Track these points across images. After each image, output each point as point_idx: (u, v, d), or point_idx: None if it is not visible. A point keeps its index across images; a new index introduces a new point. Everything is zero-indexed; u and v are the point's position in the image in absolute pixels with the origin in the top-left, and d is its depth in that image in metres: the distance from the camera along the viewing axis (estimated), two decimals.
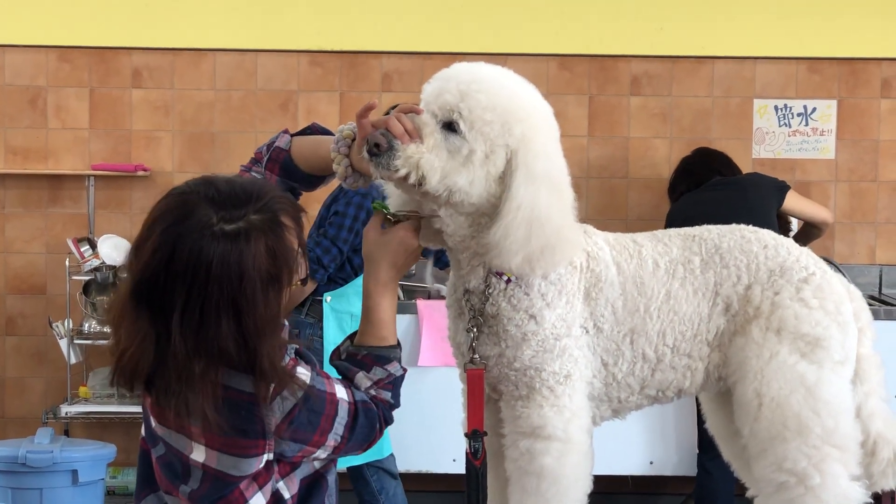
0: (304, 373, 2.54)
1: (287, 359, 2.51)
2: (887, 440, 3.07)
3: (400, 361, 2.75)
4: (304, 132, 2.99)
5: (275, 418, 2.49)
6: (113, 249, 6.55)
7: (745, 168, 6.54)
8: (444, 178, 2.71)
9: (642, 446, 6.00)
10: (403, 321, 5.79)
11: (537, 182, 2.73)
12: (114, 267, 6.51)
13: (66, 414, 6.48)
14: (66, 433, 6.57)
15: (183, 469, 2.53)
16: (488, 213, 2.78)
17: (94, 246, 6.61)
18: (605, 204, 6.71)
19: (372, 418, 2.63)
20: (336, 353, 2.78)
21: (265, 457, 2.50)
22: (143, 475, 2.69)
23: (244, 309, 2.42)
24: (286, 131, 2.97)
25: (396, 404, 2.72)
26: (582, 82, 6.71)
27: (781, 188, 5.93)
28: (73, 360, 6.53)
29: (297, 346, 2.57)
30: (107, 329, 6.45)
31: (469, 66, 2.85)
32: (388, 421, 2.69)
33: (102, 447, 6.04)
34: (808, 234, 6.19)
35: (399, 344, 2.77)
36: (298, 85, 6.83)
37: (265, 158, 2.93)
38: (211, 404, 2.41)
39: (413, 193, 2.79)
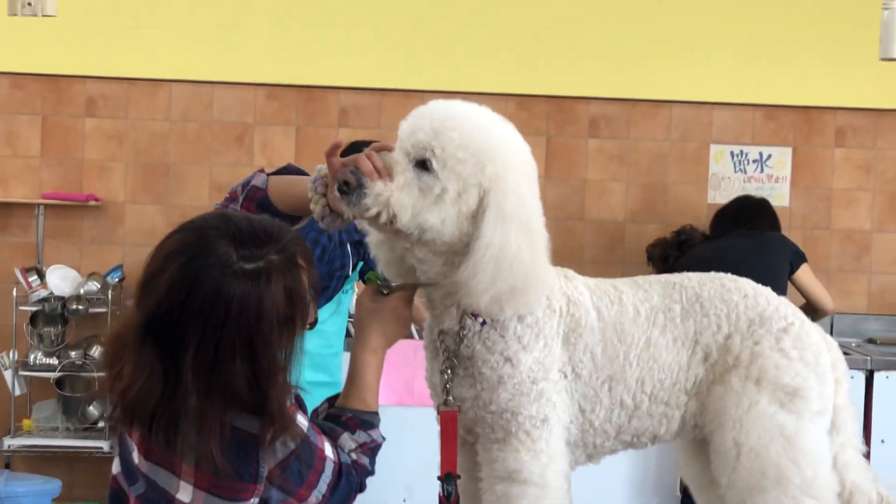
0: (302, 421, 2.50)
1: (288, 403, 2.46)
2: (862, 491, 3.05)
3: (379, 430, 2.72)
4: (279, 172, 2.95)
5: (270, 463, 2.44)
6: (61, 280, 6.48)
7: (701, 214, 6.57)
8: (415, 216, 2.67)
9: (623, 490, 5.97)
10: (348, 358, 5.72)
11: (507, 222, 2.69)
12: (62, 298, 6.43)
13: (9, 447, 6.38)
14: (8, 466, 6.45)
15: None
16: (461, 252, 2.73)
17: (42, 276, 6.53)
18: (560, 245, 6.59)
19: (352, 483, 2.59)
20: (314, 413, 2.73)
21: (252, 502, 2.45)
22: None
23: (259, 350, 2.37)
24: (262, 170, 2.93)
25: (372, 472, 2.68)
26: (540, 123, 6.72)
27: (799, 256, 5.98)
28: (17, 392, 6.43)
29: (297, 393, 2.52)
30: (51, 361, 6.38)
31: (444, 104, 2.82)
32: (363, 487, 2.65)
33: (47, 482, 5.95)
34: (805, 314, 6.21)
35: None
36: (255, 118, 6.79)
37: (241, 197, 2.89)
38: (218, 444, 2.36)
39: (386, 231, 2.76)
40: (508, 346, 2.83)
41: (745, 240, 6.00)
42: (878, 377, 5.93)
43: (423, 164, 2.69)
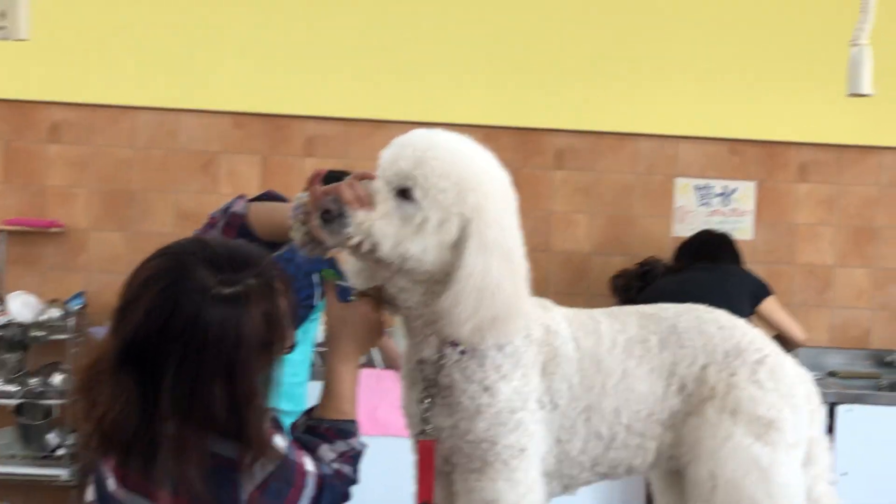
0: (280, 443, 2.48)
1: (266, 426, 2.44)
2: None
3: (358, 437, 2.71)
4: (259, 198, 2.94)
5: (250, 487, 2.42)
6: (22, 306, 6.42)
7: (666, 246, 6.59)
8: (396, 245, 2.67)
9: (589, 500, 5.96)
10: (319, 387, 5.71)
11: (489, 251, 2.69)
12: (23, 324, 6.37)
13: None
14: None
15: None
16: (441, 281, 2.73)
17: (2, 302, 6.47)
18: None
19: (335, 494, 2.58)
20: (294, 426, 2.72)
21: None
22: None
23: (238, 375, 2.36)
24: (242, 196, 2.92)
25: (356, 480, 2.67)
26: (506, 154, 6.55)
27: (763, 288, 6.00)
28: None
29: (274, 414, 2.51)
30: (10, 388, 6.32)
31: (426, 133, 2.82)
32: (348, 497, 2.64)
33: None
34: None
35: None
36: (220, 146, 6.76)
37: (221, 223, 2.87)
38: (196, 470, 2.33)
39: (366, 261, 2.75)
40: (487, 376, 2.83)
41: (707, 272, 6.02)
42: (840, 410, 5.97)
43: (404, 193, 2.69)
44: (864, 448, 5.85)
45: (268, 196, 2.96)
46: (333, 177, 2.83)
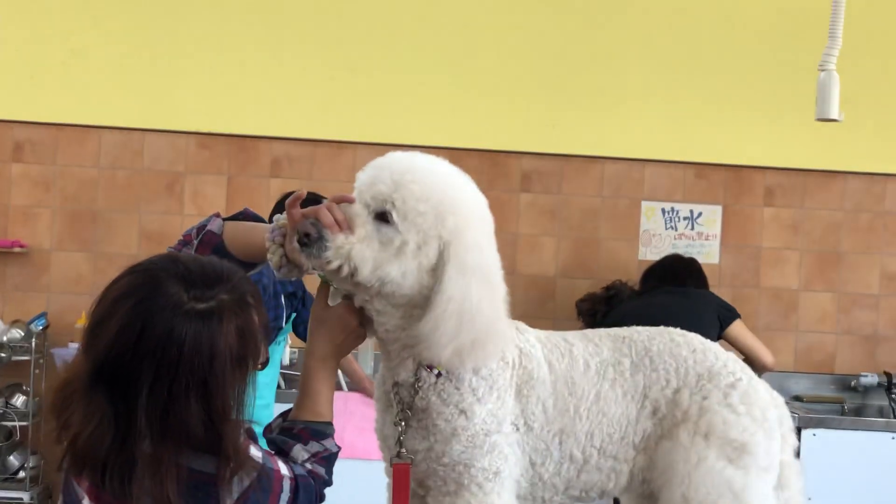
0: (255, 454, 2.47)
1: (241, 439, 2.42)
2: None
3: (334, 438, 2.71)
4: (235, 217, 2.92)
5: (229, 501, 2.40)
6: None
7: (632, 269, 6.60)
8: (376, 269, 2.66)
9: None
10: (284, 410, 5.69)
11: (468, 275, 2.68)
12: None
13: None
14: None
15: None
16: (420, 304, 2.72)
17: None
18: None
19: (310, 493, 2.57)
20: (268, 428, 2.71)
21: None
22: None
23: (213, 390, 2.34)
24: (217, 215, 2.90)
25: (330, 482, 2.67)
26: (472, 176, 6.57)
27: (729, 312, 6.00)
28: None
29: (248, 426, 2.49)
30: None
31: (404, 156, 2.80)
32: (322, 497, 2.63)
33: None
34: None
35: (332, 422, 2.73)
36: (186, 166, 6.73)
37: (195, 241, 2.85)
38: (175, 488, 2.32)
39: (345, 284, 2.73)
40: (463, 398, 2.82)
41: (672, 296, 6.03)
42: (805, 434, 5.99)
43: (383, 217, 2.67)
44: (828, 473, 5.87)
45: (244, 215, 2.94)
46: (311, 198, 2.82)
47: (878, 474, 6.05)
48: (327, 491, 2.69)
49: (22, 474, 6.33)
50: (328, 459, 2.67)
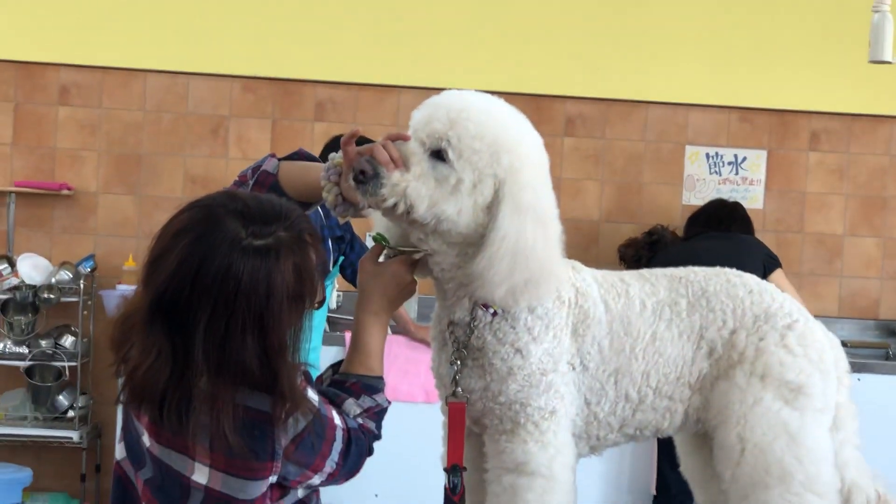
0: (313, 397, 2.49)
1: (298, 380, 2.45)
2: (860, 488, 3.06)
3: (384, 393, 2.71)
4: (290, 157, 2.93)
5: (285, 440, 2.43)
6: (32, 269, 6.41)
7: (676, 214, 6.59)
8: (431, 206, 2.67)
9: (598, 487, 5.98)
10: (331, 352, 5.74)
11: (523, 214, 2.69)
12: (33, 286, 6.36)
13: None
14: None
15: (182, 491, 2.43)
16: (475, 243, 2.72)
17: (13, 264, 6.46)
18: None
19: (361, 447, 2.59)
20: (319, 379, 2.73)
21: (271, 479, 2.43)
22: (120, 501, 2.58)
23: (270, 327, 2.36)
24: (273, 155, 2.90)
25: (379, 436, 2.67)
26: None
27: (773, 260, 5.96)
28: None
29: (305, 369, 2.51)
30: (21, 349, 6.32)
31: (459, 94, 2.80)
32: (371, 451, 2.64)
33: (18, 470, 5.90)
34: None
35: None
36: (230, 110, 6.75)
37: (251, 182, 2.86)
38: (231, 424, 2.34)
39: (400, 222, 2.74)
40: (519, 338, 2.83)
41: (718, 241, 6.01)
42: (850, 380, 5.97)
43: (438, 155, 2.68)
44: (873, 418, 5.84)
45: (298, 155, 2.94)
46: (364, 141, 2.82)
47: None
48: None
49: (71, 414, 6.39)
50: (379, 415, 2.67)
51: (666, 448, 5.31)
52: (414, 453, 5.44)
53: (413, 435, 5.17)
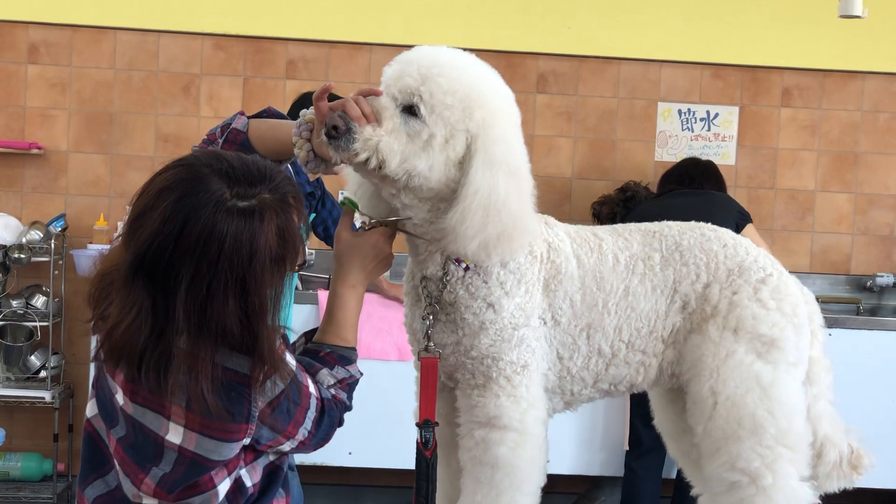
0: (290, 361, 2.48)
1: (277, 343, 2.44)
2: (833, 443, 3.09)
3: (357, 364, 2.71)
4: (259, 115, 2.92)
5: (261, 403, 2.43)
6: (3, 229, 6.39)
7: (649, 171, 6.59)
8: (403, 161, 2.66)
9: (571, 445, 6.00)
10: (303, 311, 5.73)
11: (496, 168, 2.69)
12: (4, 246, 6.33)
13: None
14: None
15: (155, 451, 2.43)
16: (447, 198, 2.73)
17: None
18: None
19: (333, 417, 2.59)
20: (292, 348, 2.71)
21: (244, 441, 2.43)
22: (90, 458, 2.58)
23: (251, 288, 2.35)
24: (242, 113, 2.89)
25: (350, 407, 2.68)
26: None
27: (744, 216, 5.96)
28: None
29: (283, 333, 2.50)
30: None
31: (431, 50, 2.79)
32: (342, 423, 2.65)
33: None
34: None
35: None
36: (201, 68, 6.70)
37: (220, 140, 2.84)
38: (209, 384, 2.33)
39: (371, 177, 2.73)
40: (491, 292, 2.83)
41: (691, 198, 6.02)
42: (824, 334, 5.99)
43: (410, 110, 2.67)
44: (844, 372, 5.88)
45: (267, 113, 2.93)
46: (336, 97, 2.81)
47: (894, 373, 6.08)
48: None
49: (43, 374, 6.38)
50: (351, 386, 2.68)
51: (639, 404, 5.34)
52: (387, 411, 5.45)
53: (386, 393, 5.17)
